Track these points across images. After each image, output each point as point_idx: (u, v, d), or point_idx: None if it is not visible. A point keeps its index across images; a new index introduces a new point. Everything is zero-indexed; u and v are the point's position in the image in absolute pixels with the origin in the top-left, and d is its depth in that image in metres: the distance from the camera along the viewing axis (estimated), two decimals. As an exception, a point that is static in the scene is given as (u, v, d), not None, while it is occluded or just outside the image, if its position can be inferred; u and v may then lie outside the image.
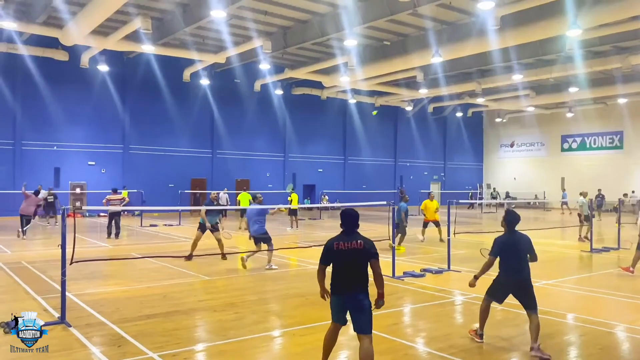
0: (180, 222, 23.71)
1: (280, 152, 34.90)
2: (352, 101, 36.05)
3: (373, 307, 5.10)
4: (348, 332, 5.58)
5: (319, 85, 32.20)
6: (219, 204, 12.83)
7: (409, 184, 39.16)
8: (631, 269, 11.26)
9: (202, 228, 12.68)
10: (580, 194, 18.33)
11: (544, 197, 39.36)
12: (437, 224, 17.15)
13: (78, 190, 27.14)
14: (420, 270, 11.40)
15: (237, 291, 9.76)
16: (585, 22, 17.47)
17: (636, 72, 28.22)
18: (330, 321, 5.28)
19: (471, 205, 38.79)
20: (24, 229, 16.86)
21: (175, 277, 10.87)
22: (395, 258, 11.01)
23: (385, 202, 11.15)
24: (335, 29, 20.71)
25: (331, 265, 5.18)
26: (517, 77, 27.50)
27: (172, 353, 5.98)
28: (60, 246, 7.32)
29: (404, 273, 11.01)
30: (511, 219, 6.43)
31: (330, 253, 5.15)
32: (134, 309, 8.16)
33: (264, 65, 26.10)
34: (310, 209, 33.88)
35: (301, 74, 28.41)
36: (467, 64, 27.26)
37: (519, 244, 6.38)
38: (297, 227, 21.74)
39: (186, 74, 28.97)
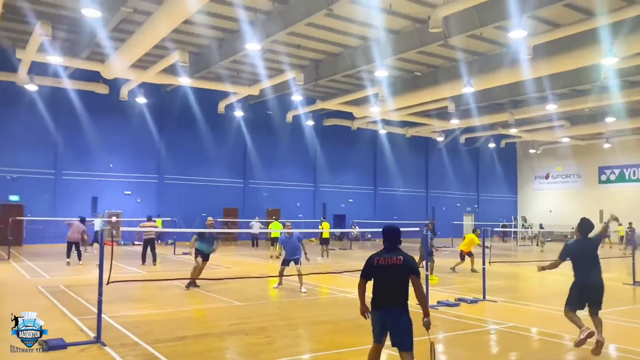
0: (215, 250, 23.88)
1: (311, 181, 35.11)
2: (382, 132, 36.19)
3: (421, 326, 5.07)
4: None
5: (349, 116, 32.53)
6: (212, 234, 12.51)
7: (441, 215, 38.69)
8: None
9: (202, 256, 12.39)
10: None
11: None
12: (470, 254, 16.88)
13: (114, 219, 27.78)
14: (455, 300, 11.17)
15: (267, 316, 9.74)
16: (622, 51, 17.24)
17: (676, 101, 27.58)
18: (372, 342, 5.27)
19: (503, 237, 37.98)
20: (77, 253, 17.24)
21: (207, 302, 10.94)
22: (429, 287, 10.83)
23: (418, 228, 11.06)
24: (366, 60, 21.04)
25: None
26: (551, 108, 27.19)
27: (204, 373, 5.99)
28: (98, 266, 7.50)
29: (438, 302, 10.81)
30: (583, 224, 6.96)
31: (371, 268, 5.22)
32: (167, 331, 8.24)
33: (296, 97, 26.59)
34: (340, 239, 33.78)
35: (332, 105, 28.79)
36: (499, 94, 27.15)
37: (587, 248, 6.89)
38: (327, 256, 21.66)
39: (221, 106, 29.73)
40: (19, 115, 25.63)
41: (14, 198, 25.89)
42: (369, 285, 5.26)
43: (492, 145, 42.08)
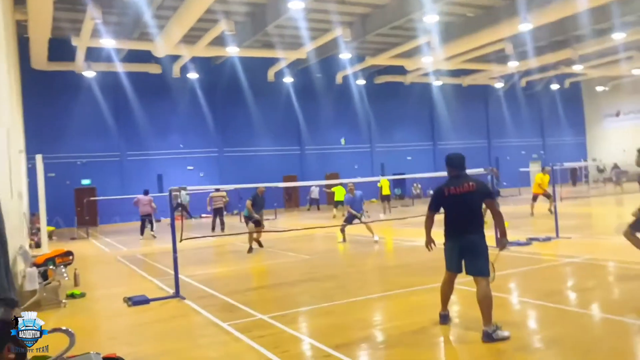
0: (276, 217, 24.38)
1: (367, 142, 34.78)
2: (437, 83, 35.08)
3: (496, 249, 5.09)
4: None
5: (401, 71, 31.72)
6: (263, 198, 12.55)
7: (506, 165, 37.41)
8: None
9: (254, 221, 12.41)
10: None
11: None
12: (547, 195, 16.07)
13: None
14: (527, 239, 10.86)
15: (337, 266, 9.88)
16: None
17: None
18: (445, 271, 5.28)
19: (573, 181, 36.39)
20: (147, 228, 18.00)
21: (277, 258, 11.20)
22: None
23: (482, 169, 10.73)
24: (415, 7, 20.27)
25: (443, 211, 5.18)
26: (618, 37, 25.30)
27: (281, 314, 6.15)
28: (170, 224, 7.80)
29: (509, 243, 10.53)
30: None
31: (441, 199, 5.16)
32: (242, 284, 8.52)
33: (345, 55, 26.13)
34: (402, 197, 33.52)
35: (382, 60, 28.13)
36: (560, 29, 25.48)
37: None
38: (390, 212, 21.58)
39: (270, 74, 29.78)
40: (81, 103, 26.77)
41: (85, 182, 27.32)
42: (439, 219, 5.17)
43: (555, 86, 39.93)
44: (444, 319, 5.29)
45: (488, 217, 6.03)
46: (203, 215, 27.54)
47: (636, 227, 6.28)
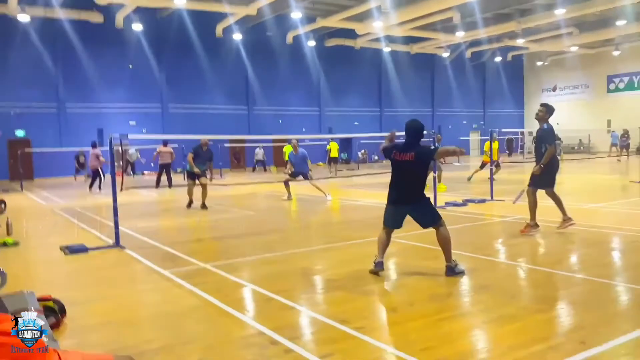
0: (222, 176, 24.15)
1: (316, 106, 34.75)
2: (386, 49, 35.25)
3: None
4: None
5: (352, 34, 31.61)
6: (208, 150, 11.95)
7: (447, 133, 38.43)
8: None
9: (191, 176, 11.99)
10: None
11: (589, 141, 38.05)
12: (497, 165, 16.15)
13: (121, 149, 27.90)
14: (462, 201, 11.35)
15: (281, 222, 10.01)
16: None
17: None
18: (383, 225, 5.53)
19: (510, 151, 37.99)
20: (98, 181, 17.34)
21: (222, 214, 11.19)
22: (437, 192, 10.99)
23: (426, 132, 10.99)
24: (367, -30, 20.16)
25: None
26: (559, 13, 26.20)
27: (224, 263, 6.21)
28: (109, 174, 7.62)
29: (446, 203, 10.99)
30: (553, 108, 7.55)
31: (390, 153, 5.46)
32: (185, 235, 8.50)
33: (296, 14, 25.71)
34: (348, 161, 33.93)
35: (333, 21, 27.89)
36: (506, 2, 26.16)
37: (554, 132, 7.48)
38: (335, 174, 21.87)
39: (219, 30, 28.95)
40: (16, 49, 25.11)
41: (20, 133, 25.94)
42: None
43: (498, 59, 41.07)
44: (379, 265, 5.45)
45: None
46: (145, 172, 26.90)
47: (535, 184, 7.31)
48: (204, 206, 11.78)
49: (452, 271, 5.29)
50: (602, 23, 31.03)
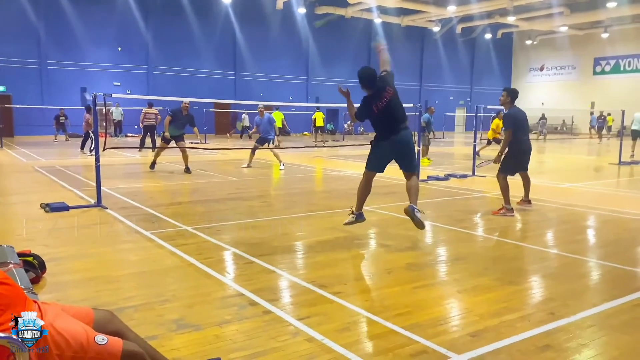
0: (206, 141, 23.98)
1: (304, 74, 34.43)
2: (377, 20, 34.86)
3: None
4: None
5: (343, 3, 31.16)
6: (188, 115, 11.56)
7: (434, 108, 38.50)
8: None
9: (165, 139, 11.69)
10: None
11: (572, 122, 38.45)
12: (497, 141, 16.26)
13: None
14: (445, 175, 11.47)
15: (264, 188, 10.04)
16: None
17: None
18: (366, 172, 5.66)
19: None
20: (84, 145, 17.03)
21: (206, 178, 11.17)
22: (420, 165, 11.08)
23: (412, 105, 11.03)
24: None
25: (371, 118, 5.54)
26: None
27: (206, 227, 6.25)
28: (92, 133, 7.53)
29: (428, 177, 11.12)
30: (514, 91, 7.37)
31: (369, 111, 5.48)
32: (167, 198, 8.48)
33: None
34: (333, 133, 33.86)
35: (325, -12, 27.45)
36: (499, -22, 25.94)
37: (523, 114, 7.32)
38: (323, 144, 21.85)
39: (208, -9, 28.32)
40: (-3, 1, 24.39)
41: (0, 88, 25.35)
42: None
43: (488, 35, 40.95)
44: (360, 217, 5.64)
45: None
46: (129, 134, 26.58)
47: (505, 170, 7.31)
48: (187, 170, 11.72)
49: (413, 211, 5.35)
50: (592, 4, 31.03)
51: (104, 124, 21.82)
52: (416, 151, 5.82)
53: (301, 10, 31.77)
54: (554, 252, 5.45)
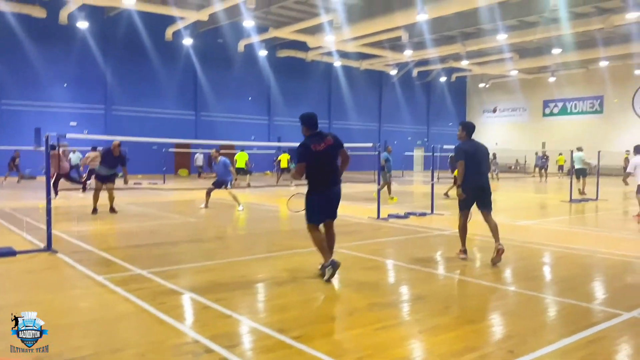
0: (165, 182, 23.59)
1: (265, 115, 34.67)
2: (337, 64, 35.75)
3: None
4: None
5: (304, 47, 31.84)
6: (120, 156, 11.33)
7: (393, 148, 39.16)
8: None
9: (99, 178, 11.50)
10: (577, 148, 18.44)
11: (525, 162, 39.86)
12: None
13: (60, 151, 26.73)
14: (405, 214, 11.59)
15: (223, 229, 9.87)
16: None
17: (617, 34, 28.41)
18: (312, 225, 5.67)
19: (452, 168, 39.16)
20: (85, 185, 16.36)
21: (162, 219, 10.91)
22: (380, 204, 11.19)
23: (371, 145, 11.23)
24: (320, -16, 20.42)
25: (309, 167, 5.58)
26: (501, 37, 27.43)
27: (161, 270, 6.05)
28: (44, 169, 7.29)
29: (389, 215, 11.20)
30: (469, 125, 6.89)
31: (309, 154, 5.51)
32: (122, 241, 8.21)
33: (248, 22, 25.61)
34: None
35: (286, 33, 28.02)
36: (452, 25, 27.14)
37: (478, 149, 6.81)
38: (291, 183, 21.69)
39: (169, 33, 28.43)
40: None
41: (-52, 129, 24.42)
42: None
43: (443, 79, 42.50)
44: (334, 264, 5.55)
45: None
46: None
47: (460, 207, 6.91)
48: (112, 210, 11.40)
49: (336, 267, 5.51)
50: (540, 50, 32.79)
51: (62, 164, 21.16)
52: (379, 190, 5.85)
53: (262, 53, 32.25)
54: (511, 290, 5.52)
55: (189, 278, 5.86)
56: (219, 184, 12.60)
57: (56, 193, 14.16)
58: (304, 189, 5.80)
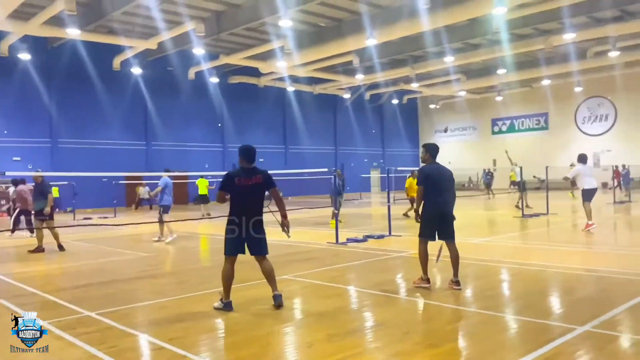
0: (116, 215, 22.83)
1: (219, 142, 34.34)
2: (290, 89, 35.95)
3: (282, 230, 5.87)
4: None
5: (256, 72, 31.88)
6: (41, 183, 10.99)
7: (350, 170, 39.55)
8: (589, 222, 11.65)
9: (38, 214, 11.01)
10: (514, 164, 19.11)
11: (478, 179, 40.89)
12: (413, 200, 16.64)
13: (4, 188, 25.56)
14: (363, 237, 11.58)
15: (177, 263, 9.55)
16: (509, 0, 18.29)
17: (557, 54, 29.82)
18: (227, 259, 5.72)
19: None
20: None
21: (112, 255, 10.48)
22: (339, 228, 11.16)
23: (326, 169, 11.24)
24: (270, 12, 20.54)
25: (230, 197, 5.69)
26: (448, 60, 28.34)
27: (111, 311, 5.75)
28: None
29: (347, 239, 11.15)
30: (432, 146, 6.55)
31: (231, 185, 5.60)
32: (69, 281, 7.81)
33: (198, 50, 25.46)
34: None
35: (237, 59, 28.00)
36: (401, 49, 27.82)
37: (443, 174, 6.42)
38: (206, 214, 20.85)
39: (116, 62, 27.89)
40: None
41: None
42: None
43: (395, 101, 43.38)
44: (229, 306, 5.62)
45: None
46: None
47: (421, 234, 6.49)
48: (60, 248, 10.88)
49: (280, 299, 5.65)
50: (485, 70, 34.00)
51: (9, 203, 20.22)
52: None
53: (214, 80, 32.08)
54: (471, 310, 5.53)
55: (141, 317, 5.60)
56: (167, 209, 12.16)
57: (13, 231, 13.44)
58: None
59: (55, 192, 21.60)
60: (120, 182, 27.53)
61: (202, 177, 21.80)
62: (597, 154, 36.35)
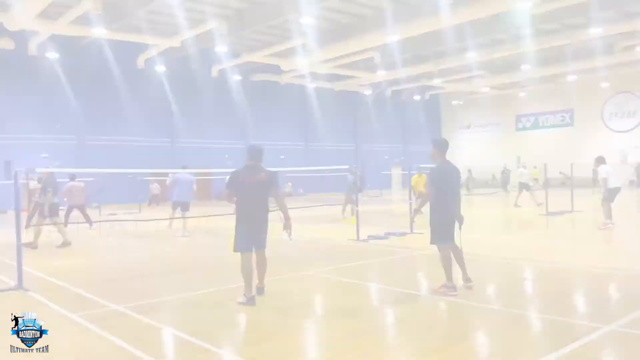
0: (140, 211, 23.20)
1: (241, 139, 34.58)
2: (311, 86, 35.99)
3: (283, 230, 5.93)
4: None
5: (277, 70, 32.00)
6: (45, 186, 10.91)
7: (370, 168, 39.50)
8: (606, 221, 11.54)
9: (51, 209, 10.95)
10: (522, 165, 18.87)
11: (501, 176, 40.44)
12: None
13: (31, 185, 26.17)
14: (384, 234, 11.57)
15: (201, 258, 9.69)
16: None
17: (583, 49, 29.23)
18: (242, 254, 5.77)
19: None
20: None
21: (138, 251, 10.69)
22: (350, 224, 11.18)
23: (347, 166, 11.25)
24: (291, 9, 20.60)
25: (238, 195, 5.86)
26: (471, 56, 28.03)
27: (138, 305, 5.88)
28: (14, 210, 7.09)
29: (369, 236, 11.16)
30: (443, 142, 6.37)
31: (236, 183, 5.80)
32: (97, 275, 7.99)
33: (221, 48, 25.66)
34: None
35: (259, 57, 28.15)
36: (423, 45, 27.58)
37: (453, 173, 6.20)
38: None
39: (140, 61, 28.30)
40: None
41: None
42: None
43: (417, 97, 43.07)
44: (251, 300, 5.67)
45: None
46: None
47: (441, 239, 6.25)
48: (64, 245, 10.99)
49: (263, 291, 5.99)
50: (509, 66, 33.50)
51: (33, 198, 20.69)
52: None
53: (236, 78, 32.31)
54: (494, 308, 5.50)
55: (168, 311, 5.72)
56: (177, 204, 12.43)
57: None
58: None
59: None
60: (145, 178, 27.93)
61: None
62: (624, 150, 35.56)
